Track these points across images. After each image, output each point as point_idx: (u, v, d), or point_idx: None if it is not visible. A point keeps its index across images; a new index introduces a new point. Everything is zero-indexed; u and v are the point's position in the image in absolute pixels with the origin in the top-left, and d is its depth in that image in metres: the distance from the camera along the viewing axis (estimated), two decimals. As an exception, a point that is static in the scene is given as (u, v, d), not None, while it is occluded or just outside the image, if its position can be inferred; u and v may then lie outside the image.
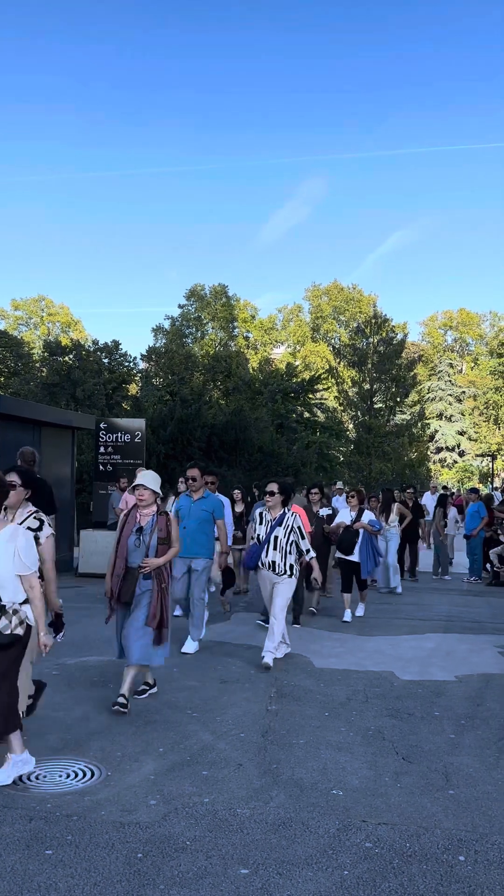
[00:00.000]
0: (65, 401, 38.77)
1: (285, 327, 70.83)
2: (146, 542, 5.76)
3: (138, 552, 5.77)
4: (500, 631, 9.16)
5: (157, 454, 25.72)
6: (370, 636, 8.63)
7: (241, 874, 3.38)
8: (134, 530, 5.85)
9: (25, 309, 64.82)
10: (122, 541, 5.84)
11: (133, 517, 5.94)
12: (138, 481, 5.87)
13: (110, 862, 3.46)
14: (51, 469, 12.93)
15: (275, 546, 7.17)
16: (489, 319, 74.12)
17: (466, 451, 66.14)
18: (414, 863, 3.51)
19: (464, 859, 3.56)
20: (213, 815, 3.96)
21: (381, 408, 47.24)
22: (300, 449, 32.84)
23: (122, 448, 15.84)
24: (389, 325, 48.95)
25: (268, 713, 5.68)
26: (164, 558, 5.80)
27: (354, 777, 4.51)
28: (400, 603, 11.32)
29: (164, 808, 4.03)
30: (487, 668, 7.21)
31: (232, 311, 64.71)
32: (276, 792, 4.28)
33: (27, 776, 4.42)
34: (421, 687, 6.51)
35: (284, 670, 6.96)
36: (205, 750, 4.90)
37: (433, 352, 71.45)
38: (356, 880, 3.35)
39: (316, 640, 8.37)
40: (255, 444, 28.42)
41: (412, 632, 8.95)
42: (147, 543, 5.76)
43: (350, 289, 69.60)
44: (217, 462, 27.22)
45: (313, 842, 3.70)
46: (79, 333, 61.89)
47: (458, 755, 4.91)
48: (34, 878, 3.32)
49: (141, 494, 5.86)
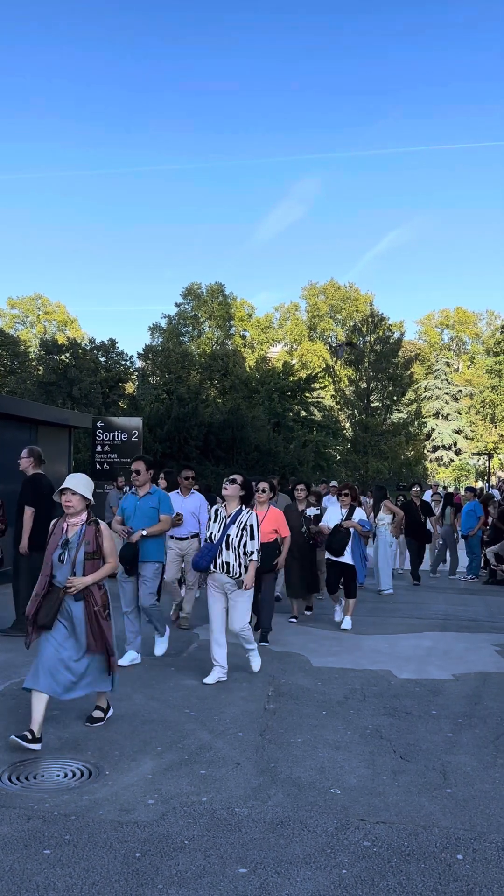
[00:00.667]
0: (61, 399, 38.73)
1: (282, 326, 70.82)
2: (71, 557, 4.93)
3: (64, 569, 4.94)
4: (498, 629, 9.17)
5: (154, 453, 25.71)
6: (367, 635, 8.63)
7: (239, 873, 3.38)
8: (60, 543, 5.00)
9: (22, 307, 64.73)
10: (47, 555, 5.04)
11: (60, 528, 5.07)
12: (65, 485, 4.99)
13: (108, 861, 3.46)
14: (48, 468, 12.88)
15: (227, 545, 6.49)
16: (485, 318, 74.27)
17: (463, 450, 66.22)
18: (412, 861, 3.52)
19: (462, 858, 3.56)
20: (212, 815, 3.96)
21: (377, 406, 47.32)
22: (297, 448, 32.86)
23: (119, 447, 15.83)
24: (386, 324, 49.00)
25: (265, 712, 5.69)
26: (94, 577, 4.95)
27: (352, 776, 4.52)
28: (397, 602, 11.33)
29: (162, 808, 4.03)
30: (485, 667, 7.22)
31: (229, 309, 64.69)
32: (274, 791, 4.28)
33: (25, 776, 4.41)
34: (418, 686, 6.52)
35: (282, 669, 6.97)
36: (203, 749, 4.90)
37: (430, 350, 71.52)
38: (354, 879, 3.35)
39: (313, 639, 8.37)
40: (252, 442, 28.43)
41: (409, 630, 8.96)
42: (73, 559, 4.92)
43: (347, 287, 69.64)
44: (214, 461, 27.23)
45: (311, 841, 3.70)
46: (75, 332, 61.81)
47: (455, 754, 4.91)
48: (32, 877, 3.32)
49: (68, 500, 4.96)
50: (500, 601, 11.66)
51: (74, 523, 5.04)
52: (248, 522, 6.53)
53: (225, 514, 6.61)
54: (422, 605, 11.11)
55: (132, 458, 7.58)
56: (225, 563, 6.44)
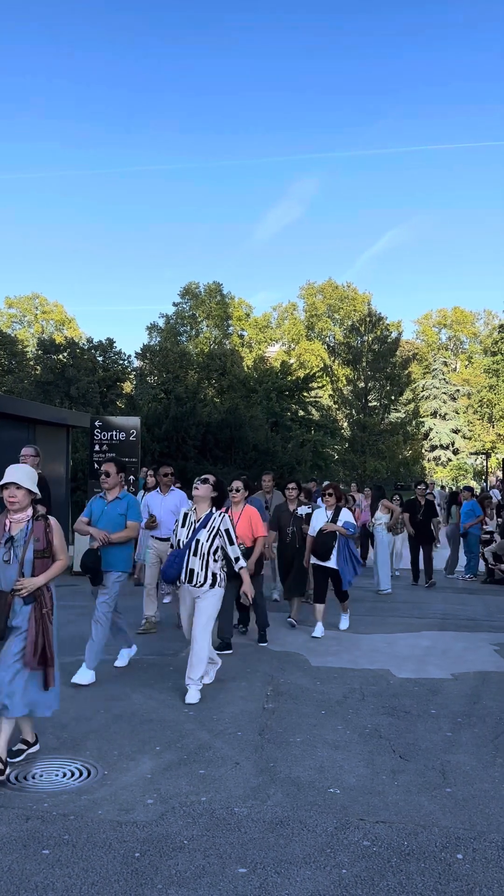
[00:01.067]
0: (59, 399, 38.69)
1: (280, 325, 70.81)
2: (18, 557, 4.53)
3: (10, 570, 4.51)
4: (496, 629, 9.17)
5: (152, 452, 25.70)
6: (366, 634, 8.63)
7: (239, 873, 3.37)
8: (3, 542, 4.58)
9: (19, 307, 64.65)
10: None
11: (1, 524, 4.64)
12: (7, 479, 4.55)
13: (108, 861, 3.45)
14: (46, 467, 12.88)
15: (195, 552, 6.03)
16: (483, 318, 74.28)
17: (460, 450, 66.26)
18: (412, 861, 3.51)
19: (462, 857, 3.55)
20: (211, 814, 3.95)
21: (375, 406, 47.32)
22: (295, 447, 32.85)
23: (117, 446, 15.80)
24: (384, 324, 49.00)
25: (264, 711, 5.68)
26: (45, 576, 4.55)
27: (351, 775, 4.51)
28: (395, 601, 11.33)
29: (161, 808, 4.02)
30: (483, 666, 7.22)
31: (226, 309, 64.66)
32: (274, 790, 4.27)
33: (24, 775, 4.40)
34: (417, 685, 6.51)
35: (281, 669, 6.95)
36: (202, 748, 4.89)
37: (427, 350, 71.54)
38: (354, 879, 3.34)
39: (311, 638, 8.36)
40: (250, 442, 28.42)
41: (408, 630, 8.95)
42: (20, 558, 4.52)
43: (344, 287, 69.64)
44: (212, 460, 27.22)
45: (311, 840, 3.69)
46: (73, 331, 61.77)
47: (454, 753, 4.91)
48: (31, 877, 3.31)
49: (12, 495, 4.55)
50: (499, 600, 11.66)
51: (19, 520, 4.60)
52: (220, 527, 6.10)
53: (195, 518, 6.17)
54: (420, 604, 11.10)
55: (104, 459, 7.13)
56: (189, 570, 6.01)
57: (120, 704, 5.73)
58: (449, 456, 67.07)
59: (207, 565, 6.03)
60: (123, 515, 6.60)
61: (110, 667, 6.64)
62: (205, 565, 6.02)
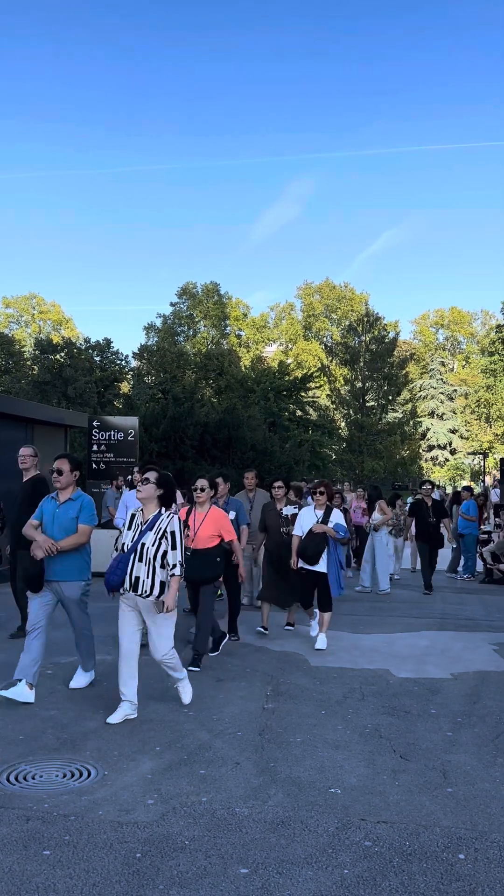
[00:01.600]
0: (56, 399, 38.67)
1: (277, 325, 70.82)
2: None
3: None
4: (495, 628, 9.17)
5: (150, 452, 25.68)
6: (365, 634, 8.62)
7: (240, 874, 3.36)
8: None
9: (16, 307, 64.57)
10: None
11: None
12: None
13: (109, 862, 3.44)
14: (44, 468, 12.87)
15: (140, 557, 5.41)
16: (480, 318, 74.36)
17: (458, 450, 66.32)
18: (414, 861, 3.50)
19: (464, 857, 3.55)
20: (212, 815, 3.94)
21: (373, 406, 47.31)
22: (293, 447, 32.87)
23: (115, 446, 15.80)
24: (381, 324, 49.02)
25: (264, 711, 5.67)
26: None
27: (352, 775, 4.50)
28: (394, 601, 11.32)
29: (162, 808, 4.00)
30: (483, 666, 7.21)
31: (224, 309, 64.67)
32: (275, 791, 4.26)
33: (24, 776, 4.38)
34: (417, 685, 6.51)
35: (280, 669, 6.94)
36: (202, 749, 4.88)
37: (425, 350, 71.61)
38: (356, 879, 3.34)
39: (311, 638, 8.35)
40: (248, 442, 28.42)
41: (407, 629, 8.95)
42: None
43: (342, 287, 69.68)
44: (210, 460, 27.21)
45: (313, 841, 3.68)
46: (70, 331, 61.70)
47: (455, 753, 4.90)
48: (32, 878, 3.29)
49: None
50: (497, 600, 11.66)
51: None
52: (168, 529, 5.46)
53: (141, 520, 5.57)
54: (419, 604, 11.10)
55: (56, 456, 6.21)
56: (135, 578, 5.38)
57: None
58: (446, 456, 67.14)
59: (154, 572, 5.37)
60: (75, 519, 5.96)
61: (110, 666, 6.62)
62: (151, 572, 5.37)
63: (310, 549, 7.79)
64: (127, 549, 5.47)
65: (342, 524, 7.93)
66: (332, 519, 7.89)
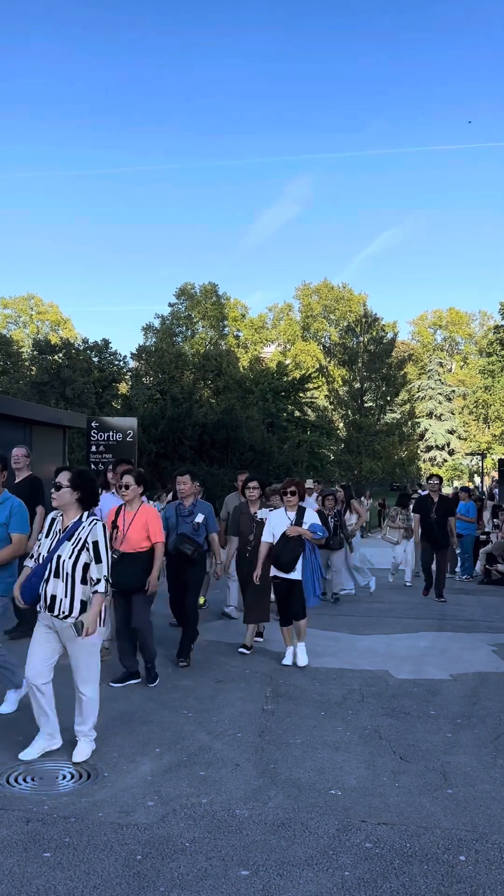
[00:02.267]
0: (54, 399, 38.64)
1: (275, 326, 70.87)
2: None
3: None
4: (494, 629, 9.17)
5: (149, 453, 25.68)
6: (364, 635, 8.62)
7: (241, 875, 3.36)
8: None
9: (14, 307, 64.58)
10: None
11: None
12: None
13: (109, 864, 3.43)
14: (42, 468, 12.86)
15: (56, 572, 4.61)
16: (478, 318, 74.50)
17: (456, 450, 66.37)
18: (415, 863, 3.50)
19: (464, 859, 3.55)
20: (212, 816, 3.94)
21: (371, 407, 47.37)
22: (291, 448, 32.87)
23: (113, 447, 15.77)
24: (379, 325, 49.08)
25: (264, 713, 5.66)
26: None
27: (352, 777, 4.50)
28: (392, 602, 11.32)
29: (162, 809, 4.00)
30: (482, 667, 7.21)
31: (222, 309, 64.70)
32: (275, 792, 4.26)
33: (24, 777, 4.37)
34: (416, 686, 6.51)
35: (279, 670, 6.94)
36: (202, 750, 4.87)
37: (423, 351, 71.71)
38: (357, 881, 3.33)
39: (310, 638, 8.33)
40: (246, 442, 28.42)
41: (405, 630, 8.95)
42: None
43: (340, 288, 69.73)
44: (209, 461, 27.20)
45: (313, 842, 3.68)
46: (68, 332, 61.70)
47: (455, 754, 4.90)
48: (32, 880, 3.29)
49: None
50: (496, 601, 11.67)
51: None
52: (88, 538, 4.65)
53: (60, 527, 4.77)
54: (418, 605, 11.10)
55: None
56: (51, 596, 4.60)
57: (119, 706, 5.71)
58: (444, 456, 67.19)
59: (73, 590, 4.59)
60: (5, 526, 5.32)
61: (110, 666, 6.61)
62: (70, 590, 4.59)
63: (284, 556, 6.97)
64: (43, 559, 4.70)
65: (318, 523, 7.17)
66: (307, 519, 7.14)
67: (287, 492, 7.24)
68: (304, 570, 7.07)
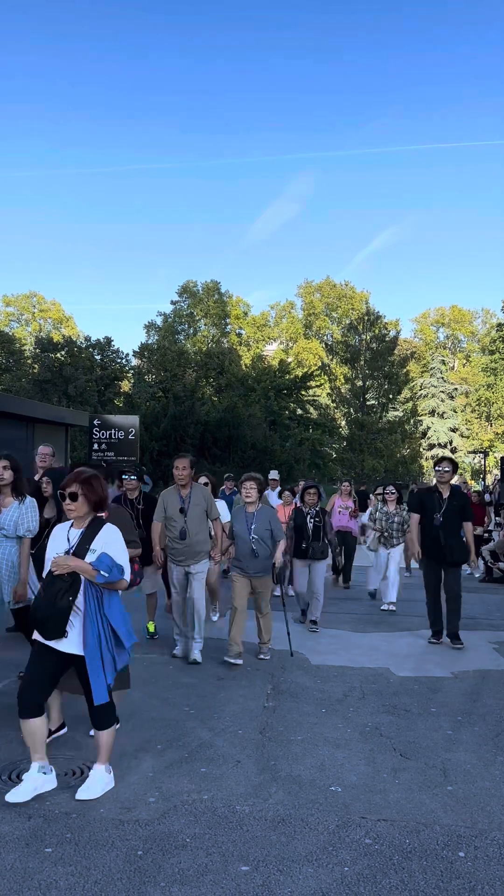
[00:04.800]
0: (56, 397, 38.67)
1: (278, 324, 70.83)
2: None
3: None
4: (495, 627, 9.18)
5: (151, 451, 25.70)
6: (365, 633, 8.63)
7: (241, 871, 3.37)
8: None
9: (17, 305, 64.57)
10: None
11: None
12: None
13: (110, 860, 3.45)
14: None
15: None
16: (481, 316, 74.33)
17: (458, 448, 66.32)
18: (414, 859, 3.52)
19: (464, 855, 3.56)
20: (213, 812, 3.96)
21: (373, 405, 47.36)
22: (293, 446, 32.89)
23: (115, 445, 15.80)
24: (382, 322, 49.04)
25: (265, 710, 5.68)
26: None
27: (353, 773, 4.52)
28: (394, 599, 11.31)
29: (163, 806, 4.02)
30: (483, 665, 7.23)
31: (224, 307, 64.64)
32: (275, 789, 4.28)
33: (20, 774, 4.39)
34: (417, 683, 6.52)
35: (281, 667, 6.96)
36: (203, 747, 4.89)
37: (425, 349, 71.60)
38: (357, 877, 3.35)
39: (311, 636, 8.37)
40: (249, 440, 28.45)
41: (407, 628, 8.96)
42: None
43: (342, 286, 69.65)
44: (211, 459, 27.22)
45: (313, 838, 3.70)
46: (70, 330, 61.74)
47: (455, 751, 4.92)
48: (34, 876, 3.31)
49: None
50: (497, 599, 11.67)
51: None
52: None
53: None
54: (418, 602, 11.09)
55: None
56: None
57: (120, 703, 5.72)
58: (447, 454, 67.15)
59: None
60: None
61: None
62: None
63: (42, 610, 4.05)
64: None
65: (117, 551, 4.23)
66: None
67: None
68: (88, 638, 4.05)
